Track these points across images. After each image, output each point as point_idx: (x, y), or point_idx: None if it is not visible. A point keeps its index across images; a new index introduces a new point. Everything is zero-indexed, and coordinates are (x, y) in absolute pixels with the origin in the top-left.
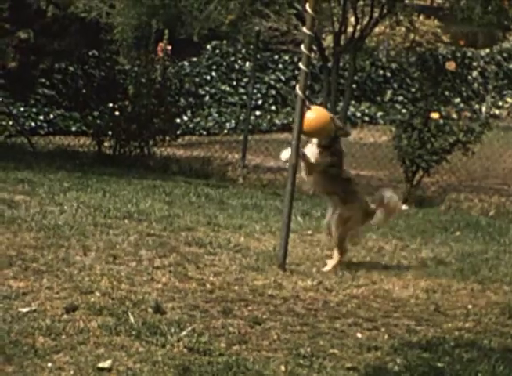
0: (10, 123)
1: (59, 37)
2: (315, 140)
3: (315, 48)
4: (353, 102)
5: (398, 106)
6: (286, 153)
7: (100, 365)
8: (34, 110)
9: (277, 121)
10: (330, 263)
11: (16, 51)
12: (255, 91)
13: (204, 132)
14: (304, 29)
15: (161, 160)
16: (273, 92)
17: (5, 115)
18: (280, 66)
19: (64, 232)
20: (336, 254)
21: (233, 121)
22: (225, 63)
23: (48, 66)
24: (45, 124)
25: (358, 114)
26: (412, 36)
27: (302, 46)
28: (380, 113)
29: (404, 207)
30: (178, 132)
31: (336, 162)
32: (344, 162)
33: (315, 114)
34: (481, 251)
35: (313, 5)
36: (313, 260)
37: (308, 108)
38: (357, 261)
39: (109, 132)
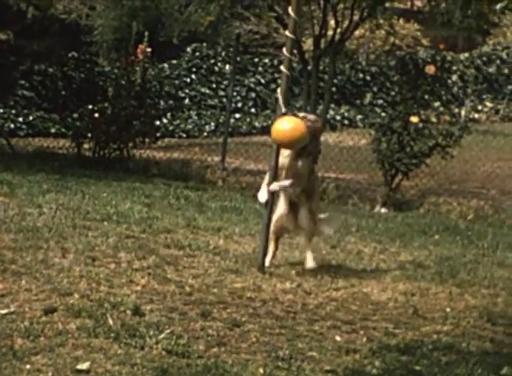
0: None
1: (39, 38)
2: None
3: (295, 51)
4: (333, 105)
5: (378, 110)
6: (262, 195)
7: (78, 367)
8: (13, 111)
9: (257, 124)
10: (310, 258)
11: None
12: (235, 93)
13: (184, 135)
14: (287, 32)
15: (141, 163)
16: (253, 94)
17: None
18: (260, 69)
19: (43, 234)
20: (309, 248)
21: (213, 124)
22: (204, 66)
23: (27, 68)
24: (24, 126)
25: (338, 117)
26: (392, 39)
27: (284, 49)
28: (359, 117)
29: (383, 210)
30: (158, 135)
31: (314, 159)
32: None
33: (290, 125)
34: (460, 254)
35: (296, 8)
36: (292, 263)
37: (284, 114)
38: (336, 264)
39: (89, 134)
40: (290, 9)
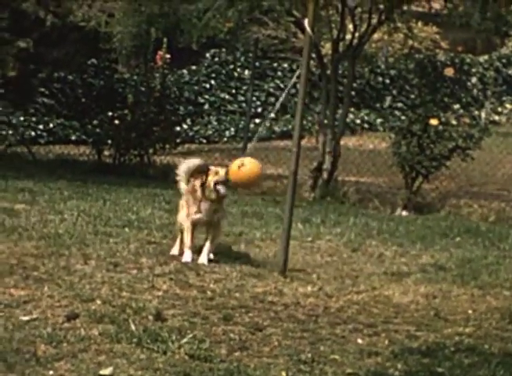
0: (10, 132)
1: (58, 46)
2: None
3: (313, 55)
4: (352, 109)
5: (398, 113)
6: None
7: (101, 372)
8: (33, 119)
9: (276, 129)
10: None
11: (16, 60)
12: (254, 99)
13: (204, 140)
14: (304, 51)
15: (161, 169)
16: (272, 99)
17: (4, 124)
18: (279, 73)
19: (65, 240)
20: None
21: (233, 129)
22: (224, 71)
23: (47, 75)
24: (44, 134)
25: (358, 121)
26: (410, 42)
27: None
28: (379, 120)
29: (404, 213)
30: (178, 140)
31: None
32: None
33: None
34: (481, 256)
35: (312, 23)
36: (313, 266)
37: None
38: (357, 267)
39: (109, 141)
40: (306, 23)
